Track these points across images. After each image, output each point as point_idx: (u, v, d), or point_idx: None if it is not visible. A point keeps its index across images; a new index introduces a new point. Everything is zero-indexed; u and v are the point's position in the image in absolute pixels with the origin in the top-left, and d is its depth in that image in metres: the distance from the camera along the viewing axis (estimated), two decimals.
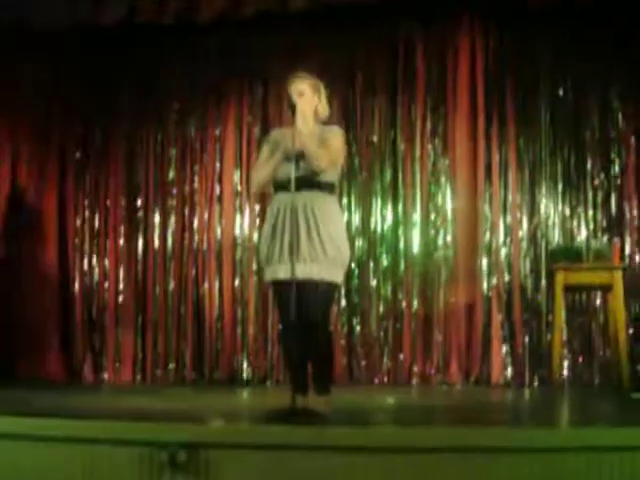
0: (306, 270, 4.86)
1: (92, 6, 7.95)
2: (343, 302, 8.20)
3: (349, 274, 8.06)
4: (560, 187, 7.98)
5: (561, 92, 8.06)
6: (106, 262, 8.73)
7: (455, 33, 8.22)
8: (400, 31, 8.31)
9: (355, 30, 8.29)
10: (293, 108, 4.99)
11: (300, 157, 4.92)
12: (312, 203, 4.95)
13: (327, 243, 4.93)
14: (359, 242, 8.26)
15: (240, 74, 8.61)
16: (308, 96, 5.10)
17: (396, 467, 4.13)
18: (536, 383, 7.78)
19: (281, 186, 5.05)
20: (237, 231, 8.50)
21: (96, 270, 8.74)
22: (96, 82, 8.76)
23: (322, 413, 4.77)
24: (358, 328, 8.21)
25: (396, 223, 8.24)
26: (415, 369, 8.03)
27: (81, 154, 8.82)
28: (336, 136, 5.15)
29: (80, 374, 8.52)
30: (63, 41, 8.45)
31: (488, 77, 8.17)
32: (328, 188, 5.08)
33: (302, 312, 4.83)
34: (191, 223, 8.61)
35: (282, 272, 4.95)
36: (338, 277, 5.08)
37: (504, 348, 7.93)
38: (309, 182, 4.94)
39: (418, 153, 8.22)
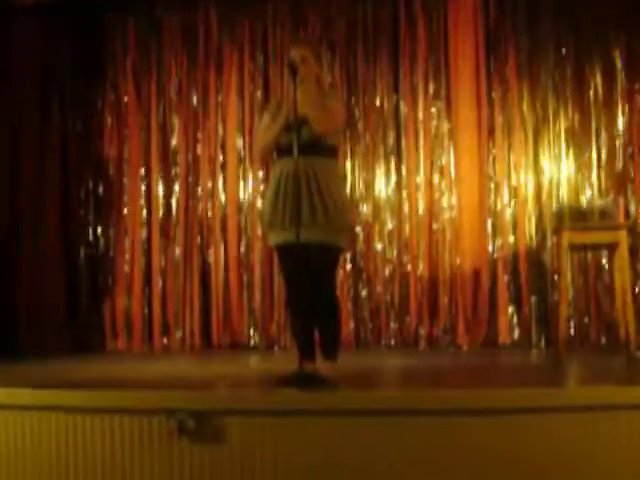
0: (310, 235, 4.87)
1: None
2: (349, 266, 8.20)
3: (354, 238, 8.08)
4: (564, 147, 7.96)
5: (564, 51, 8.01)
6: (111, 231, 8.74)
7: None
8: None
9: None
10: (294, 73, 4.97)
11: (302, 122, 4.92)
12: (314, 168, 4.96)
13: (330, 208, 4.94)
14: (363, 206, 8.25)
15: (241, 41, 8.57)
16: (310, 62, 5.10)
17: (404, 430, 4.15)
18: (543, 344, 7.80)
19: (283, 151, 5.05)
20: (241, 197, 8.49)
21: (102, 240, 8.75)
22: (95, 51, 8.74)
23: (330, 378, 4.79)
24: (364, 292, 8.21)
25: (400, 186, 8.22)
26: (422, 332, 8.05)
27: (83, 124, 8.80)
28: (336, 101, 5.16)
29: (87, 344, 8.53)
30: (57, 12, 8.41)
31: (490, 39, 8.13)
32: (330, 152, 5.09)
33: (307, 277, 4.84)
34: (195, 191, 8.59)
35: (286, 237, 4.96)
36: (342, 242, 5.09)
37: (510, 309, 7.95)
38: (311, 147, 4.95)
39: (421, 116, 8.20)
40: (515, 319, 7.93)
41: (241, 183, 8.50)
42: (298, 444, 4.20)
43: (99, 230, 8.76)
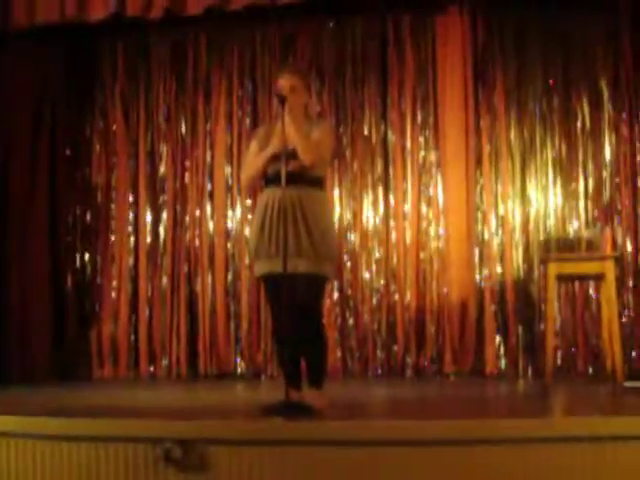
0: (296, 265, 4.87)
1: (79, 2, 7.92)
2: (336, 295, 8.20)
3: (341, 267, 8.09)
4: (551, 177, 7.99)
5: (551, 81, 8.05)
6: (98, 258, 8.72)
7: (445, 25, 8.21)
8: (390, 23, 8.30)
9: (345, 23, 8.30)
10: (282, 102, 4.98)
11: (290, 153, 4.92)
12: (301, 198, 4.97)
13: (316, 238, 4.95)
14: (351, 235, 8.26)
15: (230, 68, 8.60)
16: (299, 91, 5.11)
17: (391, 460, 4.14)
18: (530, 374, 7.80)
19: (270, 180, 5.07)
20: (229, 225, 8.49)
21: (89, 266, 8.73)
22: (85, 78, 8.75)
23: (316, 407, 4.77)
24: (351, 321, 8.21)
25: (388, 215, 8.23)
26: (409, 361, 8.04)
27: (72, 150, 8.80)
28: (324, 131, 5.16)
29: (73, 370, 8.50)
30: (49, 37, 8.42)
31: (478, 68, 8.17)
32: (317, 183, 5.11)
33: (293, 307, 4.84)
34: (183, 218, 8.59)
35: (272, 267, 4.97)
36: (328, 271, 5.10)
37: (497, 339, 7.95)
38: (298, 177, 4.96)
39: (409, 145, 8.22)
40: (502, 349, 7.93)
41: (229, 211, 8.50)
42: (284, 473, 4.18)
43: (86, 257, 8.75)
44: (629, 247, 7.79)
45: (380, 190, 8.25)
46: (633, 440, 4.07)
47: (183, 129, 8.67)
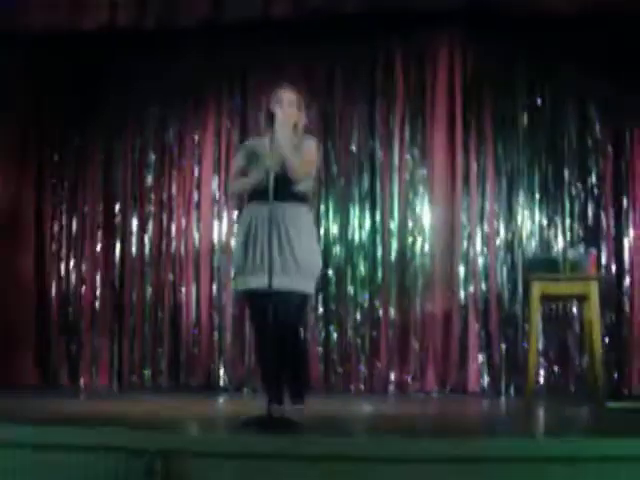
0: (279, 281, 4.87)
1: (72, 11, 7.92)
2: (320, 309, 8.20)
3: (326, 281, 8.10)
4: (537, 197, 8.02)
5: (539, 102, 8.09)
6: (83, 267, 8.70)
7: (433, 44, 8.27)
8: (379, 42, 8.32)
9: (335, 40, 8.29)
10: (272, 117, 4.99)
11: (278, 169, 4.94)
12: (285, 214, 4.99)
13: (299, 255, 4.97)
14: (337, 249, 8.27)
15: (219, 80, 8.62)
16: (295, 107, 5.14)
17: (372, 476, 4.13)
18: (512, 392, 7.81)
19: (255, 195, 5.07)
20: (215, 237, 8.49)
21: (73, 275, 8.71)
22: (74, 87, 8.73)
23: (297, 422, 4.77)
24: (335, 336, 8.20)
25: (373, 231, 8.25)
26: (392, 377, 8.04)
27: (59, 158, 8.79)
28: (311, 147, 5.19)
29: (56, 380, 8.49)
30: (41, 45, 8.42)
31: (466, 87, 8.20)
32: (302, 198, 5.13)
33: (275, 322, 4.84)
34: (169, 229, 8.59)
35: (254, 282, 4.98)
36: (310, 288, 5.13)
37: (480, 357, 7.96)
38: (283, 193, 4.97)
39: (396, 162, 8.24)
40: (485, 367, 7.94)
41: (215, 223, 8.49)
42: None
43: (71, 265, 8.72)
44: (613, 268, 7.82)
45: (367, 206, 8.26)
46: (615, 461, 4.07)
47: (171, 139, 8.67)
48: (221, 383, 8.33)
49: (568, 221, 7.95)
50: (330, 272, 8.18)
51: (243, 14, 7.82)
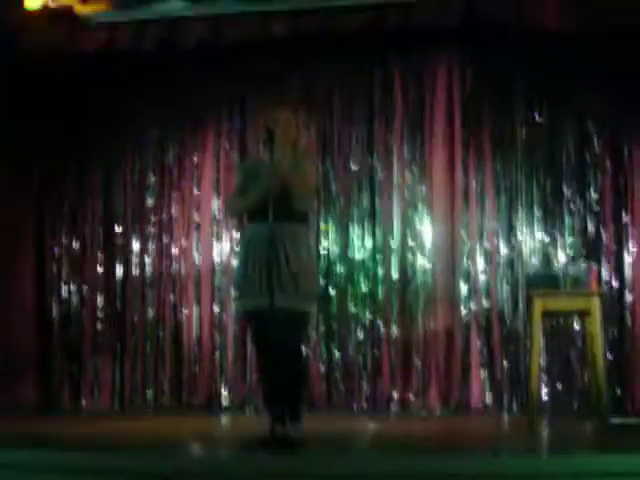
0: (279, 301, 4.87)
1: (72, 33, 7.97)
2: (322, 328, 8.19)
3: (328, 300, 8.10)
4: (537, 213, 8.02)
5: (537, 118, 8.10)
6: (84, 288, 8.70)
7: (432, 62, 8.27)
8: (378, 60, 8.33)
9: (333, 59, 8.31)
10: (271, 136, 5.01)
11: (277, 189, 4.95)
12: (285, 234, 5.00)
13: (300, 274, 4.98)
14: (338, 268, 8.26)
15: (218, 101, 8.63)
16: (293, 126, 5.16)
17: None
18: (515, 409, 7.79)
19: (255, 215, 5.08)
20: (215, 257, 8.49)
21: (74, 296, 8.70)
22: (74, 109, 8.74)
23: (301, 441, 4.76)
24: (337, 354, 8.20)
25: (374, 249, 8.25)
26: (394, 395, 8.03)
27: (59, 180, 8.79)
28: (309, 166, 5.21)
29: (57, 401, 8.47)
30: (41, 67, 8.44)
31: (464, 104, 8.21)
32: (301, 218, 5.14)
33: (276, 342, 4.85)
34: (169, 249, 8.59)
35: (255, 302, 4.98)
36: (310, 307, 5.13)
37: (483, 373, 7.95)
38: (283, 212, 4.98)
39: (396, 180, 8.25)
40: (488, 384, 7.93)
41: (215, 243, 8.49)
42: None
43: (72, 287, 8.72)
44: (614, 283, 7.82)
45: (367, 224, 8.26)
46: (619, 477, 4.06)
47: (171, 160, 8.67)
48: (223, 402, 8.31)
49: (568, 237, 7.95)
50: (331, 291, 8.18)
51: (242, 35, 7.85)
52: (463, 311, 8.04)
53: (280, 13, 7.86)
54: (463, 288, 8.06)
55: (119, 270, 8.65)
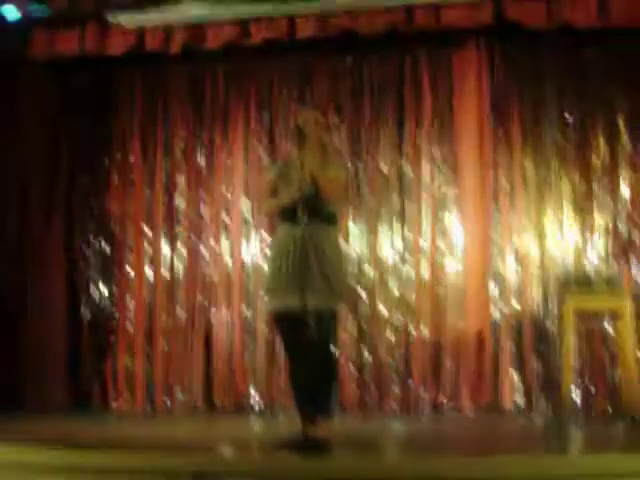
0: (314, 301, 4.88)
1: (100, 35, 8.03)
2: (353, 329, 8.17)
3: (359, 302, 8.09)
4: (569, 213, 7.96)
5: (568, 116, 8.05)
6: (114, 290, 8.73)
7: (461, 60, 8.22)
8: (407, 58, 8.31)
9: (362, 58, 8.32)
10: (303, 137, 5.02)
11: (309, 191, 4.96)
12: (316, 235, 5.02)
13: (331, 275, 4.99)
14: (368, 270, 8.24)
15: (247, 101, 8.64)
16: (320, 127, 5.16)
17: None
18: (547, 410, 7.75)
19: (287, 217, 5.09)
20: (246, 259, 8.49)
21: (104, 298, 8.74)
22: (104, 110, 8.80)
23: (332, 443, 4.76)
24: (368, 356, 8.18)
25: (404, 250, 8.22)
26: (425, 397, 8.00)
27: (89, 182, 8.83)
28: (339, 167, 5.22)
29: (88, 402, 8.50)
30: (70, 69, 8.51)
31: (494, 103, 8.17)
32: (331, 219, 5.15)
33: (307, 342, 4.85)
34: (199, 250, 8.60)
35: (287, 302, 4.98)
36: (341, 307, 5.16)
37: (514, 375, 7.91)
38: (314, 213, 4.99)
39: (425, 180, 8.22)
40: (519, 385, 7.88)
41: (245, 244, 8.50)
42: None
43: (103, 288, 8.75)
44: None
45: (396, 224, 8.24)
46: None
47: (200, 161, 8.69)
48: (254, 404, 8.31)
49: (600, 236, 7.88)
50: (362, 292, 8.16)
51: (269, 36, 7.86)
52: (494, 311, 8.00)
53: (307, 14, 7.85)
54: (494, 289, 8.02)
55: (150, 271, 8.67)
